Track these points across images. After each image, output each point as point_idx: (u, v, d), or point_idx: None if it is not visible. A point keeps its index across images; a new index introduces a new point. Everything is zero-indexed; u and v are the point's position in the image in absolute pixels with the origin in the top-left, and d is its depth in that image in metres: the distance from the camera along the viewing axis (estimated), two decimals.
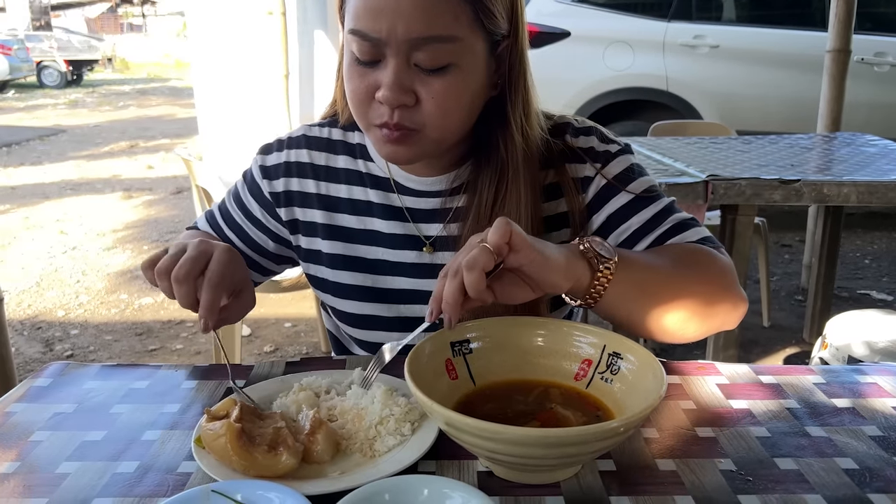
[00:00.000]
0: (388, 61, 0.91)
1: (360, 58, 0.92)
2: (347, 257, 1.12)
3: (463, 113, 0.97)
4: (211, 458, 0.76)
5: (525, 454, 0.70)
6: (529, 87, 1.02)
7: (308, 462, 0.78)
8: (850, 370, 1.03)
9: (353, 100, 0.96)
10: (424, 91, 0.92)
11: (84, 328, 3.74)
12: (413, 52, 0.90)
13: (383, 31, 0.88)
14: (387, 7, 0.88)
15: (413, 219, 1.10)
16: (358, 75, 0.94)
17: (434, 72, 0.91)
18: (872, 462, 0.80)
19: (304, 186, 1.14)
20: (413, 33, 0.88)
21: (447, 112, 0.94)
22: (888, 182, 2.34)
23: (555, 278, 0.83)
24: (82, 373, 1.02)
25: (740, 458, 0.80)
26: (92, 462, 0.80)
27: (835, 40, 3.57)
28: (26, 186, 7.09)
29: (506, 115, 1.01)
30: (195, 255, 0.90)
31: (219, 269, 0.90)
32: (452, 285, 0.79)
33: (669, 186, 2.30)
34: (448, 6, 0.89)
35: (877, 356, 2.09)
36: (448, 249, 1.08)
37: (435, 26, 0.88)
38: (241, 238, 1.17)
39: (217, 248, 0.92)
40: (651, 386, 0.77)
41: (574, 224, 1.09)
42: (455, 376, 0.86)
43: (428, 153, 1.00)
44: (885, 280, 4.30)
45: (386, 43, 0.89)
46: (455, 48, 0.90)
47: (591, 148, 1.09)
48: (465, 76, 0.93)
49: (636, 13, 4.95)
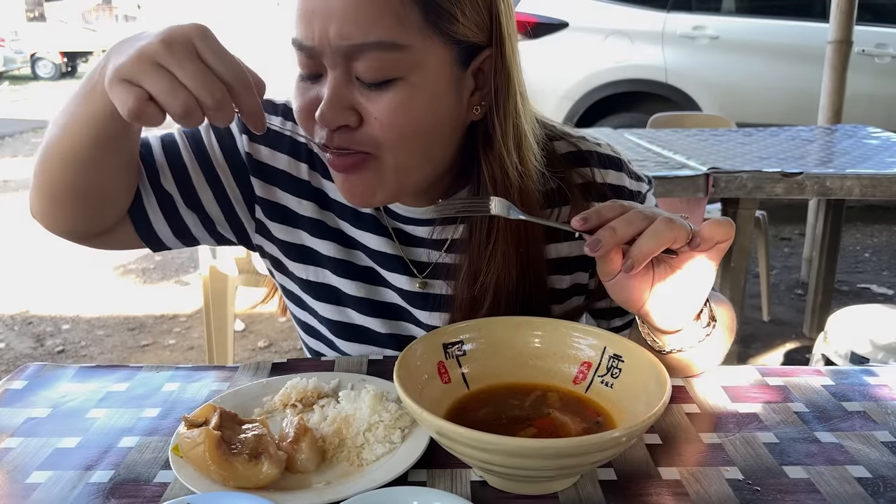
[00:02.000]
0: (328, 75, 0.80)
1: (302, 71, 0.82)
2: (341, 261, 1.02)
3: (423, 139, 0.82)
4: (189, 467, 0.72)
5: (521, 465, 0.66)
6: (520, 112, 0.87)
7: (292, 471, 0.74)
8: (859, 371, 0.99)
9: (299, 118, 0.85)
10: (368, 109, 0.79)
11: (76, 323, 3.69)
12: (351, 63, 0.78)
13: (315, 37, 0.77)
14: (317, 9, 0.76)
15: (401, 241, 1.00)
16: (301, 91, 0.83)
17: (377, 86, 0.78)
18: (886, 470, 0.76)
19: (295, 169, 0.99)
20: (346, 38, 0.76)
21: (400, 132, 0.80)
22: (891, 175, 2.31)
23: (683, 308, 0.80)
24: (59, 374, 0.98)
25: (747, 467, 0.76)
26: (64, 471, 0.76)
27: (836, 31, 3.53)
28: (19, 179, 7.03)
29: (492, 140, 0.87)
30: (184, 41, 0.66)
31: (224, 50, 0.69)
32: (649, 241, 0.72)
33: (670, 179, 2.26)
34: (387, 6, 0.76)
35: (881, 353, 2.06)
36: (440, 278, 0.98)
37: (372, 30, 0.75)
38: (183, 190, 0.96)
39: (192, 24, 0.68)
40: (654, 390, 0.73)
41: (582, 269, 1.01)
42: (448, 380, 0.82)
43: (393, 190, 0.86)
44: (885, 274, 4.27)
45: (320, 52, 0.78)
46: (400, 58, 0.77)
47: (622, 188, 0.98)
48: (418, 92, 0.79)
49: (635, 4, 4.89)
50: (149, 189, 0.96)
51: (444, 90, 0.82)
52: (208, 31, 0.66)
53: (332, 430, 0.78)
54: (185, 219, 0.98)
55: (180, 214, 0.98)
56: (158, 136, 0.99)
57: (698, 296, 0.80)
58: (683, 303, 0.80)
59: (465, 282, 0.93)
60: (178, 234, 0.99)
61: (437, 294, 1.00)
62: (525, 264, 0.93)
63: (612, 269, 0.77)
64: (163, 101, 0.64)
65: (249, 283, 2.46)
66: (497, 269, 0.91)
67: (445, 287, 0.99)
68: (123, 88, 0.65)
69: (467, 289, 0.93)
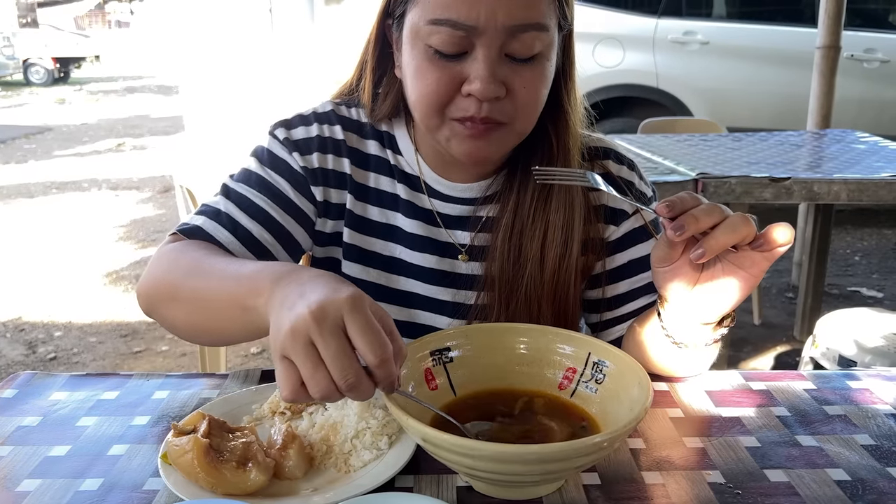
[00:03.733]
0: (479, 52, 0.86)
1: (445, 50, 0.87)
2: (363, 250, 1.06)
3: (543, 104, 0.94)
4: (178, 474, 0.73)
5: (505, 471, 0.67)
6: (576, 77, 1.00)
7: (279, 478, 0.75)
8: (841, 375, 1.00)
9: (430, 96, 0.89)
10: (516, 82, 0.88)
11: (68, 330, 3.69)
12: (508, 41, 0.86)
13: (481, 18, 0.84)
14: None
15: (442, 222, 1.05)
16: (438, 69, 0.88)
17: (526, 61, 0.88)
18: (865, 473, 0.77)
19: (338, 165, 1.04)
20: (514, 20, 0.85)
21: (536, 103, 0.92)
22: (878, 180, 2.33)
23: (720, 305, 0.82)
24: (49, 382, 0.98)
25: (729, 470, 0.77)
26: (54, 479, 0.76)
27: (824, 36, 3.55)
28: (11, 186, 7.01)
29: (560, 104, 0.98)
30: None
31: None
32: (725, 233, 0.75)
33: (659, 185, 2.27)
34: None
35: (868, 356, 2.08)
36: (478, 260, 1.03)
37: (535, 13, 0.86)
38: (270, 228, 1.00)
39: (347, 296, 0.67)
40: (637, 395, 0.74)
41: (593, 252, 1.04)
42: (435, 386, 0.83)
43: (508, 150, 0.97)
44: (874, 277, 4.30)
45: (482, 31, 0.85)
46: (546, 37, 0.88)
47: (633, 184, 1.05)
48: (550, 65, 0.91)
49: (626, 9, 4.92)
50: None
51: (556, 62, 0.94)
52: (360, 303, 0.67)
53: (320, 436, 0.79)
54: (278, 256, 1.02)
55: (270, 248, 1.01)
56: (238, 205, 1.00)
57: (738, 295, 0.81)
58: (723, 298, 0.82)
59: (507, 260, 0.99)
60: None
61: (467, 275, 1.04)
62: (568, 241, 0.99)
63: (674, 255, 0.81)
64: (307, 384, 0.66)
65: None
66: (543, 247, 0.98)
67: (482, 267, 1.03)
68: (285, 369, 0.67)
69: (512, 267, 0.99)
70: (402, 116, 1.05)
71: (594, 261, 1.05)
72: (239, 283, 0.80)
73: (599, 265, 1.05)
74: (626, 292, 1.05)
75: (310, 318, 0.65)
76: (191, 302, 0.88)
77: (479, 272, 1.03)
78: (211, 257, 0.90)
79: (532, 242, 0.99)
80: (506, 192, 1.02)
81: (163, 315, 0.94)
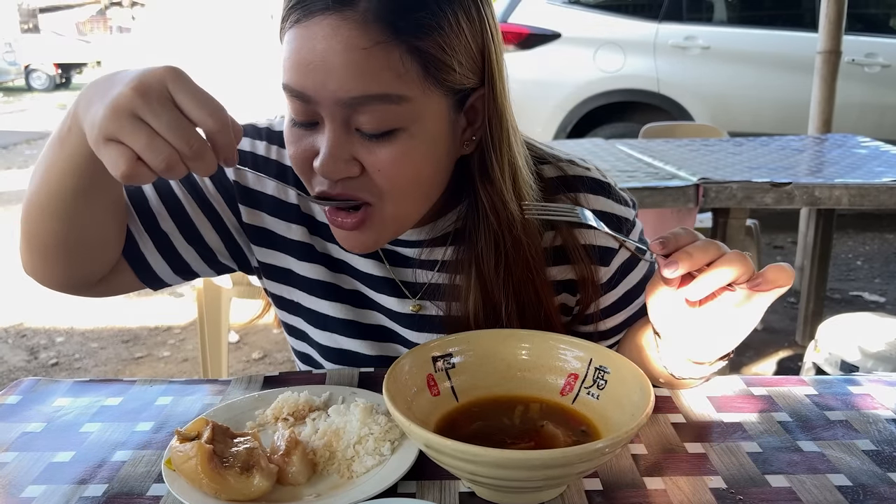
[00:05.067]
0: (325, 125, 0.79)
1: (296, 118, 0.81)
2: (329, 285, 1.01)
3: (423, 185, 0.84)
4: (181, 480, 0.73)
5: (508, 476, 0.67)
6: (513, 147, 0.88)
7: (283, 484, 0.75)
8: (842, 380, 1.00)
9: (295, 166, 0.85)
10: (369, 160, 0.79)
11: (70, 335, 3.69)
12: (352, 115, 0.77)
13: (311, 88, 0.76)
14: (314, 62, 0.75)
15: (390, 262, 0.99)
16: (296, 139, 0.82)
17: (378, 137, 0.78)
18: (866, 478, 0.77)
19: (283, 194, 0.99)
20: (345, 92, 0.75)
21: (401, 185, 0.81)
22: (879, 184, 2.33)
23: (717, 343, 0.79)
24: (53, 389, 0.98)
25: (731, 476, 0.77)
26: (58, 485, 0.77)
27: (825, 41, 3.56)
28: (12, 191, 7.02)
29: (490, 177, 0.88)
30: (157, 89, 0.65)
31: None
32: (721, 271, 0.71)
33: (660, 190, 2.28)
34: (387, 61, 0.75)
35: (870, 361, 2.08)
36: (435, 299, 0.98)
37: (372, 84, 0.75)
38: (182, 226, 0.96)
39: (164, 68, 0.66)
40: (638, 401, 0.74)
41: (586, 293, 0.99)
42: (437, 392, 0.83)
43: (392, 235, 0.89)
44: (877, 281, 4.30)
45: (317, 102, 0.77)
46: (402, 110, 0.77)
47: (611, 214, 0.97)
48: (419, 143, 0.80)
49: (627, 14, 4.93)
50: (143, 232, 0.96)
51: (441, 136, 0.83)
52: (181, 72, 0.66)
53: (323, 442, 0.80)
54: (185, 256, 0.99)
55: (179, 252, 0.98)
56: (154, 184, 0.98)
57: (736, 335, 0.78)
58: (720, 338, 0.78)
59: (473, 303, 0.93)
60: (178, 271, 1.00)
61: (430, 315, 1.00)
62: (535, 283, 0.93)
63: (669, 293, 0.76)
64: (145, 158, 0.64)
65: (244, 294, 2.47)
66: (510, 290, 0.92)
67: (438, 308, 0.99)
68: (111, 151, 0.64)
69: (479, 310, 0.93)
70: None
71: (586, 302, 1.00)
72: (50, 141, 0.79)
73: (593, 306, 1.01)
74: (622, 322, 1.03)
75: (132, 93, 0.62)
76: (35, 209, 0.85)
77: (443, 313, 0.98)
78: None
79: (504, 283, 0.93)
80: (459, 233, 0.94)
81: (33, 259, 0.90)
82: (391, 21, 0.75)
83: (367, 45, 0.75)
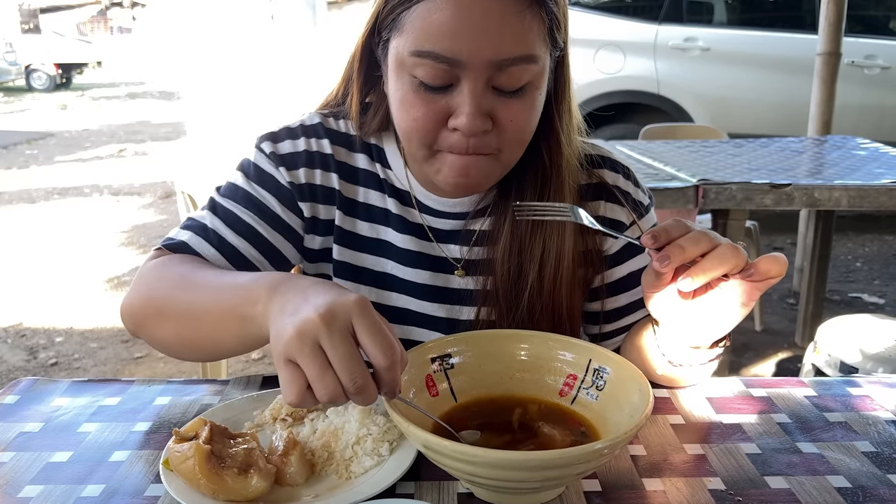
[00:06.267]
0: (464, 85, 0.83)
1: (430, 83, 0.84)
2: (355, 267, 1.03)
3: (532, 133, 0.91)
4: (179, 481, 0.73)
5: (506, 477, 0.67)
6: (573, 96, 0.97)
7: (281, 485, 0.75)
8: (841, 382, 1.00)
9: (417, 128, 0.87)
10: (503, 114, 0.85)
11: (69, 335, 3.69)
12: (495, 75, 0.83)
13: (465, 52, 0.81)
14: (471, 26, 0.80)
15: (436, 238, 1.03)
16: (424, 102, 0.85)
17: (514, 93, 0.85)
18: (865, 480, 0.77)
19: (327, 180, 1.01)
20: (502, 54, 0.81)
21: (524, 134, 0.89)
22: (879, 186, 2.33)
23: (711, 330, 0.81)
24: (51, 388, 0.98)
25: (730, 477, 0.77)
26: (56, 485, 0.76)
27: (825, 43, 3.56)
28: (13, 191, 7.02)
29: (552, 125, 0.95)
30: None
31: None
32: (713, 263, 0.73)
33: (660, 191, 2.28)
34: (533, 23, 0.83)
35: (869, 362, 2.07)
36: (475, 274, 1.01)
37: (523, 46, 0.82)
38: (257, 244, 0.98)
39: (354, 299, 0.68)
40: (637, 402, 0.74)
41: (592, 265, 1.03)
42: (436, 393, 0.83)
43: (494, 181, 0.95)
44: (876, 283, 4.29)
45: (467, 65, 0.82)
46: (537, 69, 0.85)
47: (629, 194, 1.04)
48: (540, 94, 0.89)
49: (627, 16, 4.94)
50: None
51: (547, 88, 0.91)
52: (367, 305, 0.67)
53: (321, 443, 0.79)
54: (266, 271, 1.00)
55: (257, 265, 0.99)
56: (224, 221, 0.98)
57: (730, 322, 0.80)
58: (714, 325, 0.81)
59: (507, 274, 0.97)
60: None
61: (463, 290, 1.03)
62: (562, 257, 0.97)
63: (663, 283, 0.79)
64: (314, 387, 0.66)
65: None
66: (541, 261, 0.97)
67: (480, 281, 1.01)
68: (289, 373, 0.66)
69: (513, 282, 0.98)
70: (392, 130, 1.01)
71: (593, 273, 1.04)
72: (234, 294, 0.79)
73: (598, 278, 1.04)
74: (625, 305, 1.05)
75: (318, 320, 0.64)
76: (181, 317, 0.86)
77: (474, 287, 1.01)
78: (200, 270, 0.88)
79: (531, 257, 0.97)
80: (498, 208, 0.99)
81: (151, 333, 0.92)
82: None
83: (521, 8, 0.81)
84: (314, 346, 0.65)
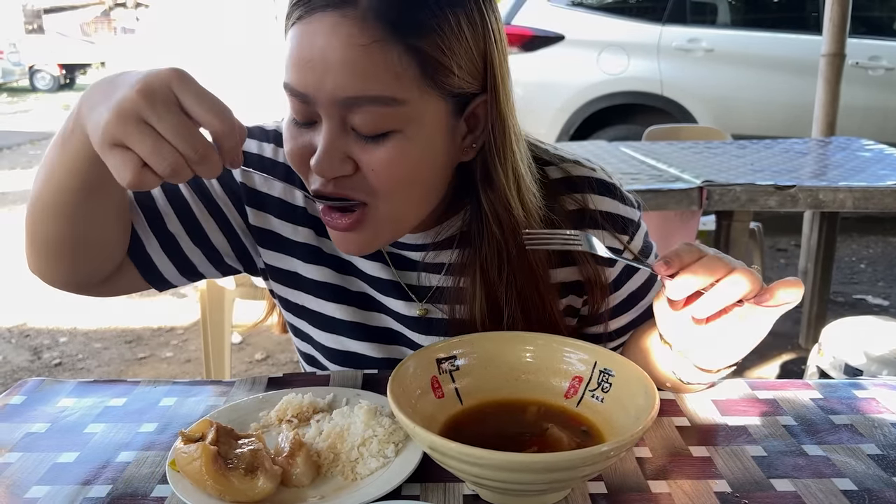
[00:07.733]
0: (323, 124, 0.79)
1: (297, 118, 0.81)
2: (336, 287, 1.01)
3: (418, 188, 0.84)
4: (186, 482, 0.73)
5: (512, 479, 0.67)
6: (517, 154, 0.88)
7: (287, 486, 0.75)
8: (847, 384, 1.00)
9: (292, 163, 0.84)
10: (364, 160, 0.79)
11: (73, 336, 3.70)
12: (348, 115, 0.77)
13: (310, 86, 0.76)
14: (313, 59, 0.75)
15: (396, 266, 0.99)
16: (292, 137, 0.82)
17: (373, 139, 0.78)
18: (871, 483, 0.77)
19: (290, 196, 0.99)
20: (342, 91, 0.75)
21: (394, 187, 0.81)
22: (883, 187, 2.33)
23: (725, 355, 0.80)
24: (57, 389, 0.98)
25: (736, 480, 0.77)
26: (62, 486, 0.77)
27: (829, 44, 3.55)
28: (17, 192, 7.03)
29: (494, 184, 0.87)
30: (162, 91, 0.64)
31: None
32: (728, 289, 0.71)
33: (664, 193, 2.28)
34: (385, 60, 0.75)
35: (874, 365, 2.07)
36: (441, 303, 0.98)
37: (370, 85, 0.75)
38: (189, 228, 0.96)
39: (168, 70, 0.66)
40: (643, 405, 0.74)
41: (592, 295, 0.99)
42: (441, 394, 0.83)
43: (389, 237, 0.89)
44: (880, 285, 4.29)
45: (315, 101, 0.77)
46: (397, 112, 0.77)
47: (616, 215, 0.97)
48: (414, 145, 0.79)
49: (631, 17, 4.93)
50: (149, 233, 0.96)
51: (439, 140, 0.83)
52: (186, 74, 0.65)
53: (327, 444, 0.80)
54: (191, 257, 0.99)
55: (185, 253, 0.98)
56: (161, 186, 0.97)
57: (744, 347, 0.79)
58: (728, 350, 0.80)
59: (479, 306, 0.93)
60: (184, 272, 1.00)
61: (436, 319, 1.00)
62: (539, 288, 0.94)
63: (676, 307, 0.77)
64: (151, 163, 0.64)
65: (247, 296, 2.47)
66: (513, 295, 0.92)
67: (444, 312, 0.98)
68: (116, 157, 0.64)
69: (484, 313, 0.93)
70: None
71: (594, 303, 1.00)
72: (52, 146, 0.78)
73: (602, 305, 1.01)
74: (627, 323, 1.04)
75: (136, 96, 0.62)
76: (39, 212, 0.85)
77: (447, 316, 0.97)
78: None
79: (507, 288, 0.92)
80: (465, 236, 0.94)
81: (35, 244, 0.90)
82: (390, 19, 0.75)
83: (366, 42, 0.74)
84: (139, 121, 0.62)
